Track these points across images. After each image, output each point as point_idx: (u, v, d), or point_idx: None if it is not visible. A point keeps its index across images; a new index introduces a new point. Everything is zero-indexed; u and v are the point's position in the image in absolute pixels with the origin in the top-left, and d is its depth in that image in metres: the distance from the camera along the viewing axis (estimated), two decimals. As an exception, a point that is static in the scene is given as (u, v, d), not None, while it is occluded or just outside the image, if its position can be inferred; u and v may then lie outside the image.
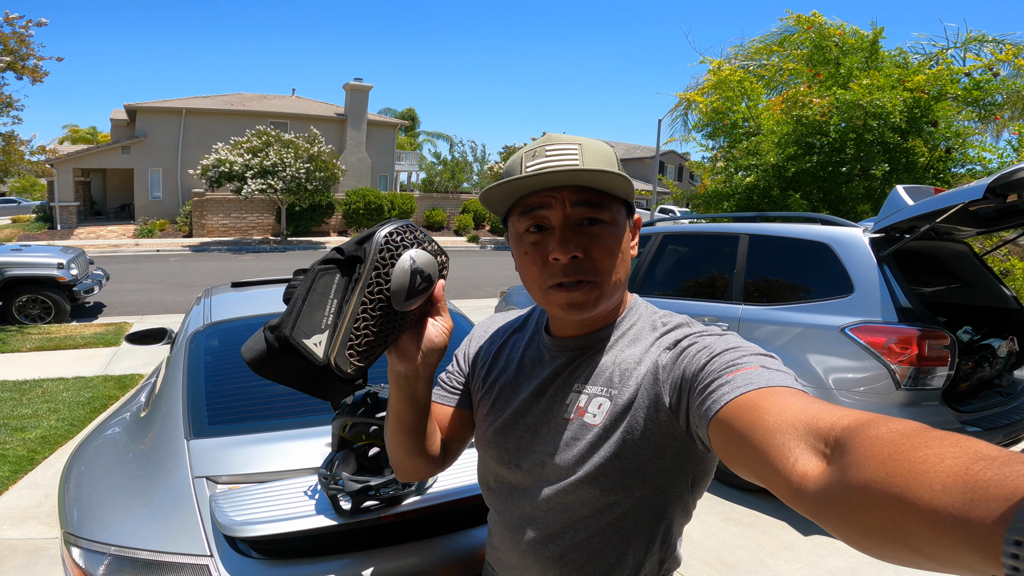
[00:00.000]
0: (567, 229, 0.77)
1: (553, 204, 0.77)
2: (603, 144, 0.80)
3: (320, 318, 0.68)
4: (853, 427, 0.46)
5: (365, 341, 0.70)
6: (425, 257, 0.73)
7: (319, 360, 0.67)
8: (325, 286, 0.69)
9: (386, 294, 0.70)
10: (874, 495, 0.40)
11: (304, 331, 0.67)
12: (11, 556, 2.63)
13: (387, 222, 0.73)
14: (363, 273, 0.70)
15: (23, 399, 4.73)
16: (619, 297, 0.84)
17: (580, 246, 0.76)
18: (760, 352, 0.70)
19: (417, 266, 0.72)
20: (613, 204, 0.78)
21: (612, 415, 0.78)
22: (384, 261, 0.70)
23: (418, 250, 0.73)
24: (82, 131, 35.83)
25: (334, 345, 0.68)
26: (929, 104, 5.75)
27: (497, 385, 0.93)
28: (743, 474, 0.60)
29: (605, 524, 0.81)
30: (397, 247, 0.71)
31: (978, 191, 2.63)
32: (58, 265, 7.89)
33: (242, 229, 21.67)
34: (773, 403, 0.57)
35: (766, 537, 2.97)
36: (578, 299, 0.78)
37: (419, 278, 0.72)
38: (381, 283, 0.70)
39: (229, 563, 1.29)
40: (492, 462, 0.91)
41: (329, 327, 0.68)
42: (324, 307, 0.68)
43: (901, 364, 2.85)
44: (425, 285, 0.73)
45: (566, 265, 0.76)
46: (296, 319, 0.67)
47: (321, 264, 0.71)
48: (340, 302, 0.69)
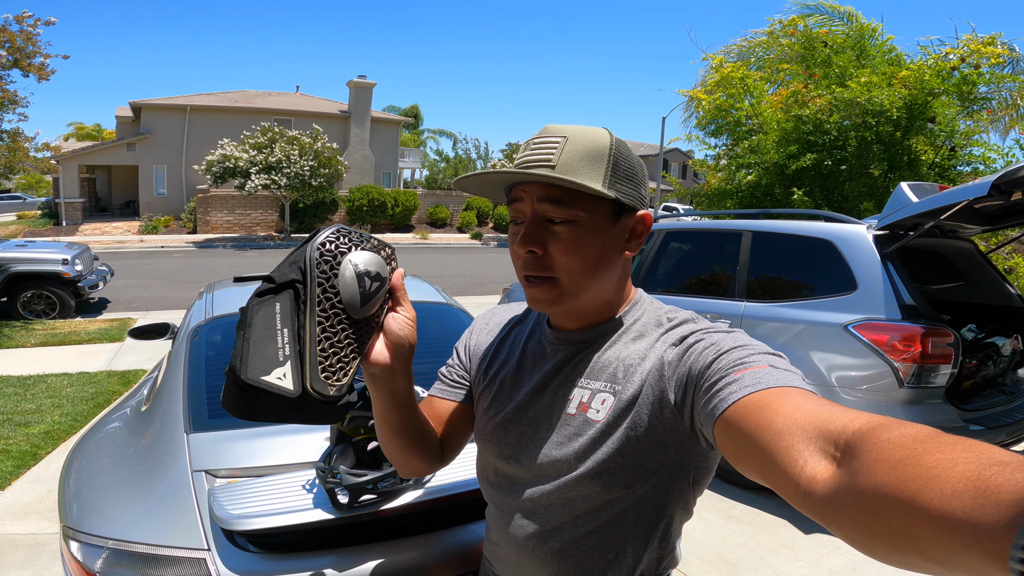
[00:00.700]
0: (532, 224, 0.78)
1: (525, 198, 0.78)
2: (594, 137, 0.77)
3: (274, 351, 0.63)
4: (864, 431, 0.46)
5: (337, 359, 0.67)
6: (367, 257, 0.70)
7: (291, 392, 0.63)
8: (266, 318, 0.64)
9: (340, 307, 0.67)
10: (884, 499, 0.40)
11: (260, 368, 0.62)
12: (12, 551, 2.64)
13: (317, 233, 0.69)
14: (308, 293, 0.66)
15: (27, 394, 4.75)
16: (597, 295, 0.82)
17: (540, 242, 0.77)
18: (768, 351, 0.69)
19: (362, 269, 0.68)
20: (585, 202, 0.76)
21: (616, 411, 0.77)
22: (325, 274, 0.67)
23: (358, 252, 0.69)
24: (87, 128, 35.94)
25: (305, 373, 0.64)
26: (926, 100, 5.72)
27: (498, 379, 0.92)
28: (749, 474, 0.59)
29: (605, 520, 0.80)
30: (334, 256, 0.68)
31: (983, 188, 2.61)
32: (63, 261, 7.92)
33: (246, 226, 21.71)
34: (782, 404, 0.57)
35: (767, 535, 2.97)
36: (538, 295, 0.79)
37: (368, 280, 0.69)
38: (331, 297, 0.67)
39: (226, 557, 1.29)
40: (492, 456, 0.91)
41: (290, 356, 0.64)
42: (275, 339, 0.64)
43: (904, 362, 2.84)
44: (377, 285, 0.70)
45: (526, 259, 0.78)
46: (245, 359, 0.62)
47: (255, 297, 0.66)
48: (293, 329, 0.65)
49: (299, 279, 0.66)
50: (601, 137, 0.78)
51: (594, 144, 0.77)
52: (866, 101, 5.66)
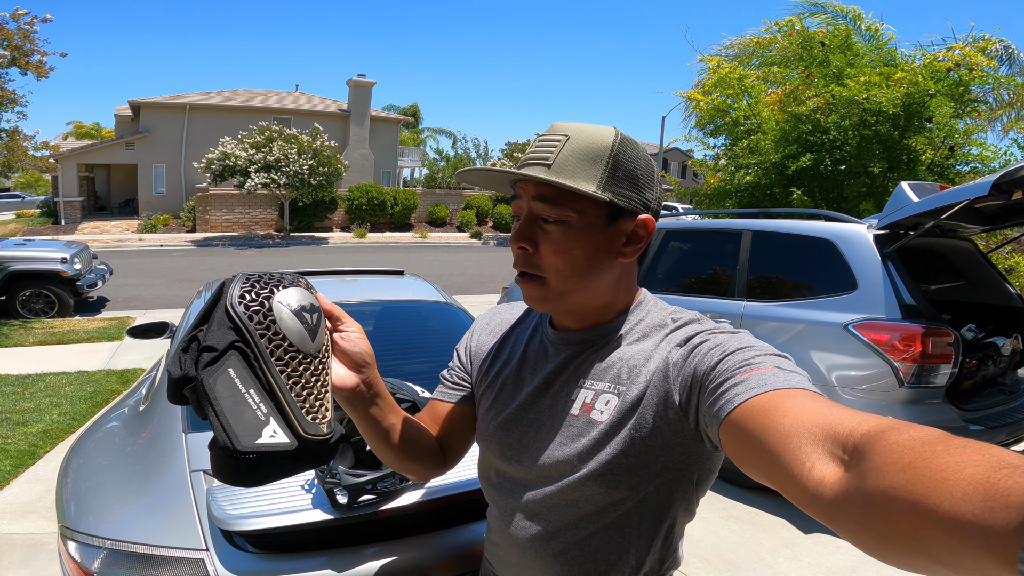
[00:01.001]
0: (526, 221, 0.79)
1: (523, 195, 0.79)
2: (598, 137, 0.76)
3: (252, 414, 0.62)
4: (873, 433, 0.46)
5: (313, 397, 0.67)
6: (293, 293, 0.69)
7: (289, 445, 0.63)
8: (227, 387, 0.62)
9: (293, 350, 0.66)
10: (893, 502, 0.40)
11: (249, 434, 0.61)
12: (10, 551, 2.63)
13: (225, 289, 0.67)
14: (257, 348, 0.64)
15: (25, 393, 4.74)
16: (591, 297, 0.81)
17: (532, 239, 0.78)
18: (774, 352, 0.68)
19: (296, 307, 0.68)
20: (578, 203, 0.76)
21: (620, 412, 0.77)
22: (263, 324, 0.65)
23: (281, 292, 0.68)
24: (86, 127, 35.89)
25: (293, 422, 0.64)
26: (923, 100, 5.72)
27: (500, 379, 0.91)
28: (755, 476, 0.59)
29: (608, 522, 0.80)
30: (261, 304, 0.66)
31: (984, 188, 2.61)
32: (62, 260, 7.90)
33: (245, 224, 21.70)
34: (789, 406, 0.56)
35: (767, 535, 2.96)
36: (528, 292, 0.80)
37: (306, 314, 0.68)
38: (280, 344, 0.66)
39: (225, 557, 1.28)
40: (494, 457, 0.90)
41: (270, 413, 0.63)
42: (246, 402, 0.62)
43: (904, 361, 2.83)
44: (316, 316, 0.70)
45: (518, 255, 0.79)
46: (230, 431, 0.61)
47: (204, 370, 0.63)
48: (260, 386, 0.64)
49: (238, 339, 0.64)
50: (603, 137, 0.76)
51: (594, 144, 0.76)
52: (864, 100, 5.66)
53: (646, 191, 0.80)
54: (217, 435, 0.61)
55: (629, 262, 0.82)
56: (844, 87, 5.87)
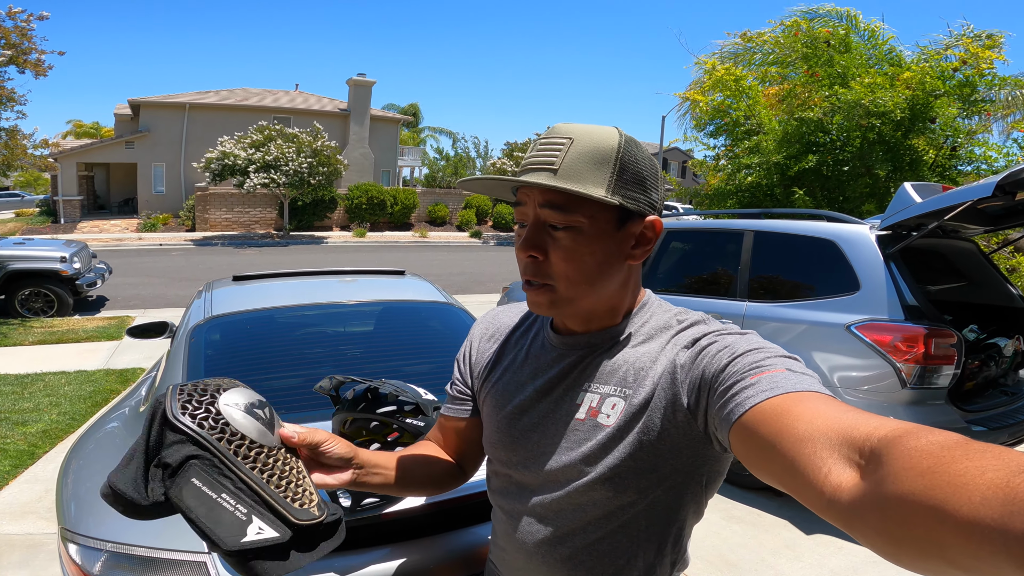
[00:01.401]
0: (533, 229, 0.77)
1: (528, 202, 0.77)
2: (603, 139, 0.75)
3: (230, 517, 0.61)
4: (891, 438, 0.45)
5: (295, 485, 0.67)
6: (235, 395, 0.69)
7: (281, 538, 0.63)
8: (197, 496, 0.61)
9: (256, 445, 0.67)
10: (911, 507, 0.40)
11: (233, 535, 0.61)
12: (9, 551, 2.62)
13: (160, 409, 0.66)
14: (220, 453, 0.64)
15: (25, 393, 4.73)
16: (600, 301, 0.80)
17: (541, 247, 0.76)
18: (784, 354, 0.68)
19: (244, 405, 0.68)
20: (587, 208, 0.74)
21: (627, 415, 0.76)
22: (220, 430, 0.65)
23: (224, 395, 0.68)
24: (86, 126, 35.83)
25: (284, 513, 0.64)
26: (928, 101, 5.72)
27: (502, 383, 0.90)
28: (767, 480, 0.58)
29: (617, 526, 0.79)
30: (208, 412, 0.66)
31: (987, 189, 2.60)
32: (61, 259, 7.89)
33: (245, 224, 21.68)
34: (803, 410, 0.56)
35: (768, 536, 2.96)
36: (537, 299, 0.79)
37: (256, 410, 0.69)
38: (242, 443, 0.66)
39: (227, 560, 1.27)
40: (499, 463, 0.89)
41: (251, 510, 0.62)
42: (221, 507, 0.62)
43: (907, 362, 2.83)
44: (268, 409, 0.71)
45: (527, 264, 0.77)
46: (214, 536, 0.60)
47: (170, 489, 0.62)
48: (231, 489, 0.63)
49: (194, 449, 0.63)
50: (608, 139, 0.75)
51: (600, 147, 0.74)
52: (870, 102, 5.65)
53: (652, 192, 0.79)
54: (203, 539, 0.62)
55: (634, 266, 0.81)
56: (848, 89, 5.86)
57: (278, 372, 2.16)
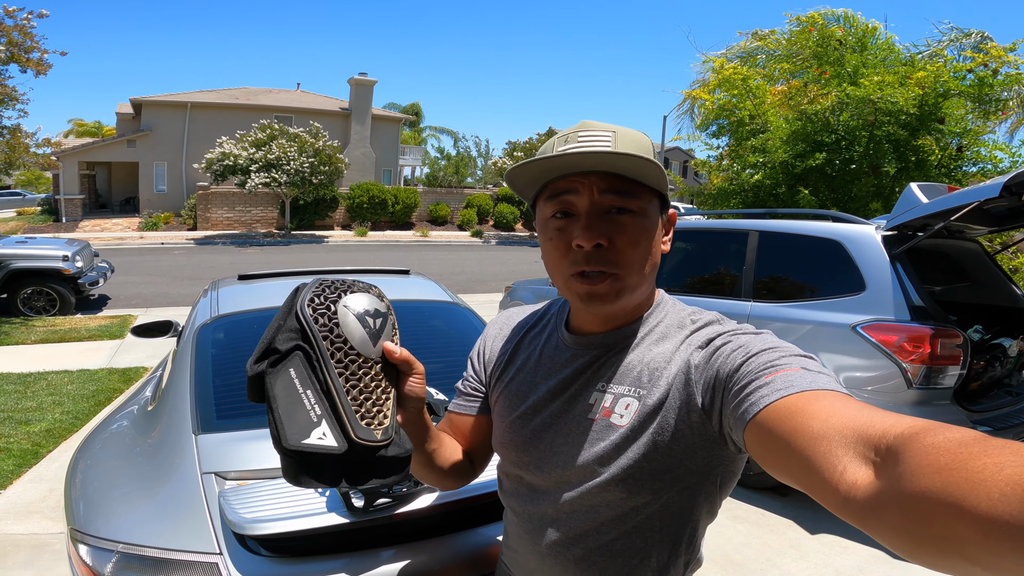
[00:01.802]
0: (593, 216, 0.75)
1: (580, 190, 0.75)
2: (640, 133, 0.77)
3: (304, 415, 0.63)
4: (907, 435, 0.45)
5: (371, 402, 0.67)
6: (360, 298, 0.70)
7: (336, 448, 0.63)
8: (286, 386, 0.65)
9: (353, 353, 0.67)
10: (929, 504, 0.39)
11: (298, 434, 0.62)
12: (15, 551, 2.61)
13: (298, 293, 0.69)
14: (318, 350, 0.66)
15: (27, 392, 4.73)
16: (644, 292, 0.81)
17: (605, 234, 0.74)
18: (799, 352, 0.67)
19: (360, 311, 0.69)
20: (644, 194, 0.76)
21: (641, 416, 0.75)
22: (327, 327, 0.67)
23: (348, 297, 0.69)
24: (87, 125, 35.82)
25: (346, 425, 0.64)
26: (937, 101, 5.71)
27: (514, 384, 0.90)
28: (782, 479, 0.58)
29: (631, 526, 0.78)
30: (328, 308, 0.68)
31: (994, 189, 2.60)
32: (63, 257, 7.89)
33: (246, 223, 21.68)
34: (818, 408, 0.55)
35: (772, 535, 2.96)
36: (599, 291, 0.75)
37: (370, 319, 0.69)
38: (342, 346, 0.67)
39: (239, 561, 1.27)
40: (510, 464, 0.89)
41: (323, 415, 0.64)
42: (301, 403, 0.64)
43: (913, 363, 2.82)
44: (380, 321, 0.70)
45: (589, 253, 0.74)
46: (281, 429, 0.62)
47: (268, 368, 0.66)
48: (316, 388, 0.65)
49: (301, 341, 0.66)
50: (644, 135, 0.78)
51: (641, 138, 0.76)
52: (879, 99, 5.63)
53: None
54: (270, 431, 0.64)
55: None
56: (858, 87, 5.84)
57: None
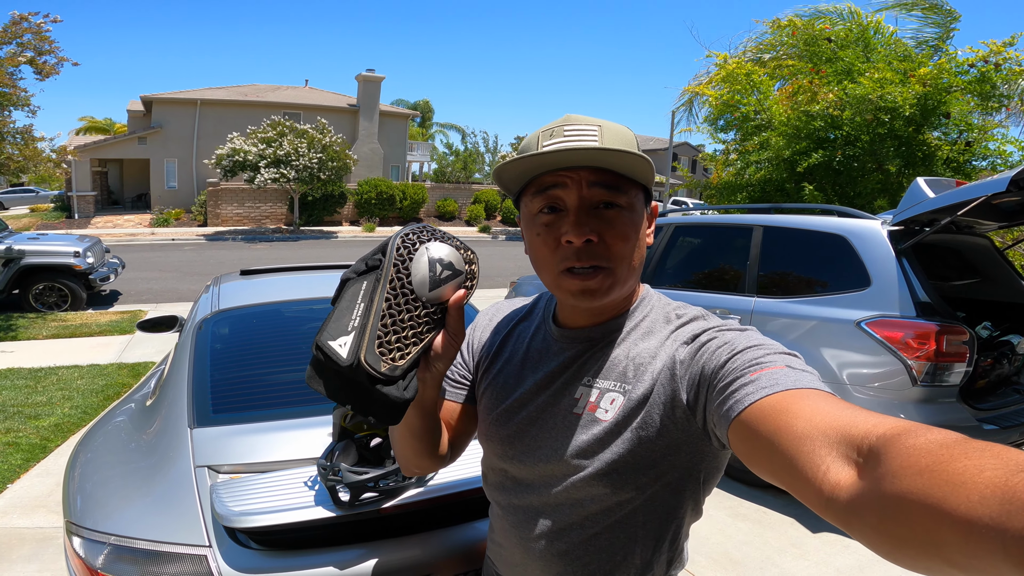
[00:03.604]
0: (582, 211, 0.74)
1: (569, 184, 0.74)
2: (623, 127, 0.77)
3: (347, 322, 0.67)
4: (889, 436, 0.45)
5: (397, 337, 0.68)
6: (443, 248, 0.72)
7: (343, 360, 0.64)
8: (353, 293, 0.69)
9: (408, 288, 0.69)
10: (909, 506, 0.39)
11: (331, 334, 0.66)
12: (20, 545, 2.64)
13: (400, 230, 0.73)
14: (384, 272, 0.69)
15: (38, 387, 4.79)
16: (632, 286, 0.81)
17: (595, 230, 0.74)
18: (783, 351, 0.67)
19: (435, 256, 0.71)
20: (631, 188, 0.75)
21: (625, 410, 0.75)
22: (403, 257, 0.70)
23: (436, 244, 0.72)
24: (99, 122, 36.10)
25: (362, 345, 0.65)
26: (941, 96, 5.63)
27: (501, 376, 0.90)
28: (766, 477, 0.58)
29: (614, 521, 0.78)
30: (414, 244, 0.71)
31: (1002, 184, 2.56)
32: (74, 253, 7.98)
33: (256, 219, 21.81)
34: (802, 407, 0.55)
35: (773, 534, 2.94)
36: (591, 286, 0.75)
37: (439, 267, 0.70)
38: (402, 277, 0.69)
39: (228, 554, 1.27)
40: (495, 457, 0.89)
41: (356, 328, 0.67)
42: (352, 311, 0.68)
43: (918, 360, 2.79)
44: (448, 274, 0.71)
45: (579, 249, 0.74)
46: (325, 325, 0.67)
47: (350, 272, 0.71)
48: (367, 304, 0.69)
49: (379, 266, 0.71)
50: (627, 129, 0.77)
51: (625, 132, 0.76)
52: (879, 98, 5.57)
53: None
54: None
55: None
56: (857, 84, 5.78)
57: (284, 365, 2.17)
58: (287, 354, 2.22)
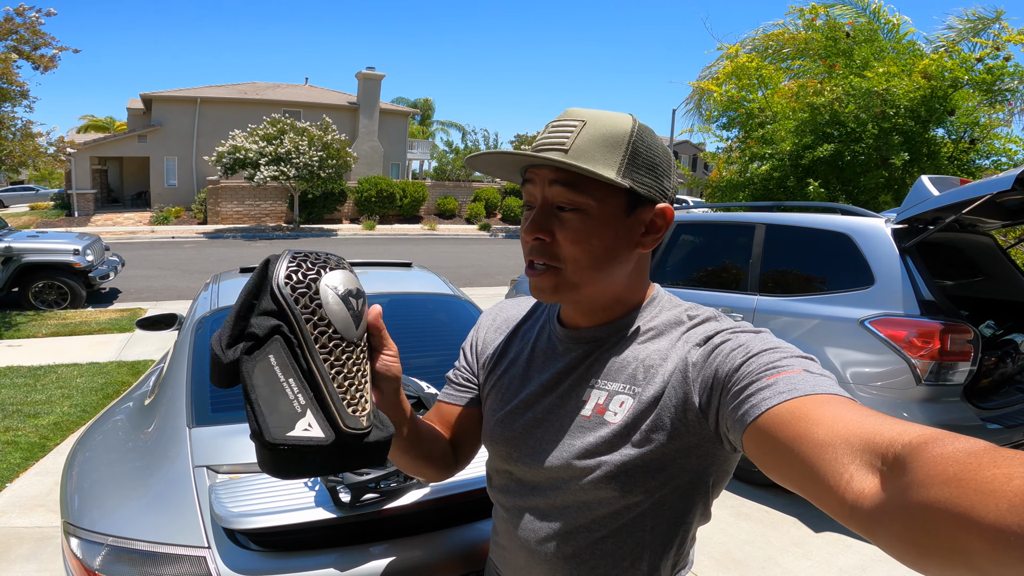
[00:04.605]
0: (541, 210, 0.75)
1: (536, 181, 0.75)
2: (616, 122, 0.74)
3: (287, 405, 0.59)
4: (916, 445, 0.44)
5: (354, 387, 0.63)
6: (341, 277, 0.64)
7: (324, 440, 0.59)
8: (266, 375, 0.59)
9: (337, 337, 0.62)
10: (936, 515, 0.39)
11: (281, 426, 0.58)
12: (18, 544, 2.63)
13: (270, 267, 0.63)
14: (302, 334, 0.60)
15: (37, 385, 4.78)
16: (612, 287, 0.78)
17: (548, 229, 0.74)
18: (800, 354, 0.66)
19: (343, 291, 0.63)
20: (597, 190, 0.73)
21: (635, 413, 0.74)
22: (308, 308, 0.61)
23: (329, 275, 0.63)
24: (99, 121, 36.07)
25: (335, 414, 0.60)
26: (946, 92, 5.60)
27: (506, 378, 0.88)
28: (783, 483, 0.57)
29: (622, 525, 0.77)
30: (308, 287, 0.61)
31: (1007, 182, 2.54)
32: (74, 251, 7.96)
33: (256, 216, 21.79)
34: (822, 414, 0.54)
35: (776, 533, 2.92)
36: (540, 283, 0.76)
37: (352, 300, 0.64)
38: (325, 330, 0.61)
39: (227, 555, 1.26)
40: (500, 459, 0.87)
41: (308, 404, 0.59)
42: (283, 392, 0.59)
43: (922, 358, 2.77)
44: (361, 302, 0.65)
45: (532, 246, 0.76)
46: (262, 422, 0.58)
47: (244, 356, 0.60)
48: (299, 375, 0.60)
49: (282, 324, 0.61)
50: (622, 123, 0.74)
51: (612, 130, 0.73)
52: (884, 91, 5.55)
53: (664, 179, 0.77)
54: (250, 424, 0.59)
55: (644, 253, 0.79)
56: (863, 78, 5.75)
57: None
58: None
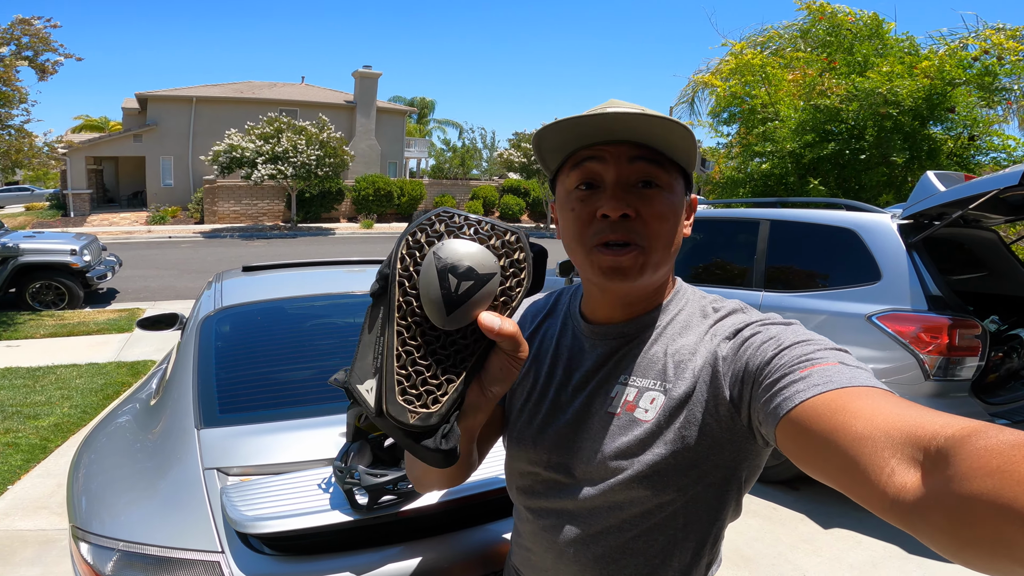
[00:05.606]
0: (620, 187, 0.71)
1: (607, 159, 0.71)
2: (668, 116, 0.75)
3: (371, 360, 0.53)
4: (959, 438, 0.43)
5: (421, 380, 0.51)
6: (461, 247, 0.52)
7: (371, 411, 0.52)
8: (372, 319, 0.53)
9: (418, 315, 0.52)
10: (979, 507, 0.39)
11: (358, 376, 0.53)
12: (22, 547, 2.60)
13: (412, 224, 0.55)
14: (390, 295, 0.52)
15: (36, 386, 4.74)
16: (665, 275, 0.78)
17: (632, 205, 0.70)
18: (834, 346, 0.64)
19: (447, 263, 0.51)
20: (672, 171, 0.73)
21: (666, 410, 0.72)
22: (408, 271, 0.52)
23: (451, 240, 0.52)
24: (94, 121, 35.87)
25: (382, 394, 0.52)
26: (945, 91, 5.62)
27: (531, 376, 0.86)
28: (817, 476, 0.56)
29: (653, 524, 0.75)
30: (421, 247, 0.52)
31: (1013, 177, 2.55)
32: (71, 251, 7.92)
33: (253, 216, 21.72)
34: (860, 406, 0.52)
35: (784, 530, 2.91)
36: (624, 263, 0.70)
37: (454, 278, 0.50)
38: (411, 302, 0.52)
39: (241, 560, 1.24)
40: (525, 461, 0.84)
41: (378, 370, 0.53)
42: (373, 345, 0.53)
43: (930, 354, 2.76)
44: (469, 285, 0.51)
45: (615, 223, 0.70)
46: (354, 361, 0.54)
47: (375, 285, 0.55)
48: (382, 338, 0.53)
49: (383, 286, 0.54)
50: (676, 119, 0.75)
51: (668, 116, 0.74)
52: (887, 91, 5.56)
53: None
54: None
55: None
56: (866, 78, 5.76)
57: (289, 363, 2.13)
58: (294, 351, 2.18)
